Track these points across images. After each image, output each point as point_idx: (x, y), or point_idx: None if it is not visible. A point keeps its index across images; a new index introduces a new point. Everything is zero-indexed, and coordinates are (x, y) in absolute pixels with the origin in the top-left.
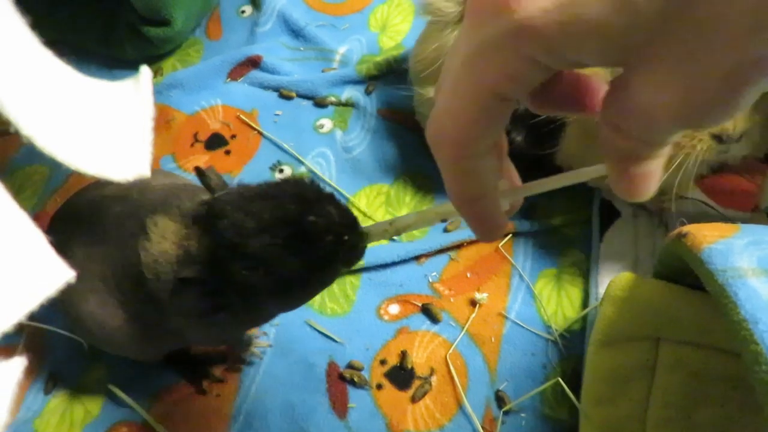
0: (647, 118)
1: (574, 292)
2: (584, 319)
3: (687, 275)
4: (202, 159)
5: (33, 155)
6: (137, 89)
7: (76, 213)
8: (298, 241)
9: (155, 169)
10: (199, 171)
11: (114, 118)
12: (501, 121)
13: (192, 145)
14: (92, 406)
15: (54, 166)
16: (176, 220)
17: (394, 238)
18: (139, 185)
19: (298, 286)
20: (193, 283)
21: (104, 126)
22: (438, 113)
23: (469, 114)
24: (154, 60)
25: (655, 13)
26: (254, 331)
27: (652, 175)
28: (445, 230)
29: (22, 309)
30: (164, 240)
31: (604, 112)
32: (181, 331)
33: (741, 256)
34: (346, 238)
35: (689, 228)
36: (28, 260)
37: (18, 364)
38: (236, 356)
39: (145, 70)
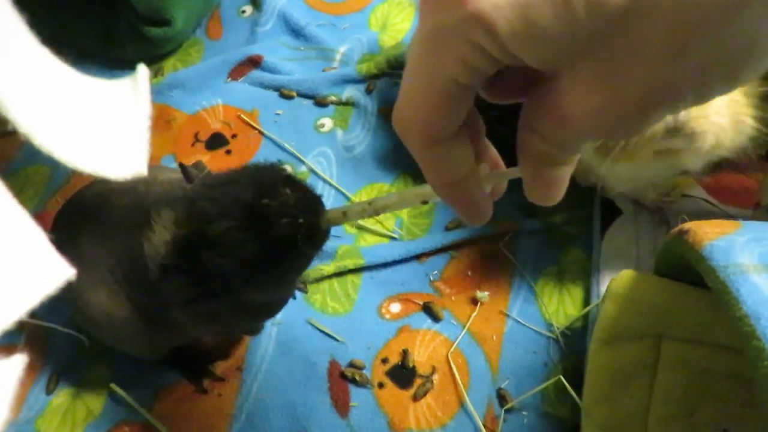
0: (565, 124)
1: (576, 290)
2: (586, 317)
3: (687, 272)
4: (203, 159)
5: (34, 155)
6: (135, 88)
7: (84, 206)
8: (255, 224)
9: (161, 166)
10: (181, 165)
11: (111, 117)
12: (462, 106)
13: (193, 144)
14: (94, 406)
15: (55, 166)
16: (177, 212)
17: (395, 237)
18: (145, 179)
19: (264, 269)
20: (173, 270)
21: (102, 124)
22: (401, 100)
23: (428, 99)
24: (154, 60)
25: (589, 28)
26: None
27: (563, 180)
28: (446, 228)
29: (23, 307)
30: (165, 231)
31: (525, 117)
32: (183, 324)
33: (742, 252)
34: (301, 220)
35: (690, 225)
36: (29, 258)
37: (19, 362)
38: (240, 355)
39: (142, 69)
